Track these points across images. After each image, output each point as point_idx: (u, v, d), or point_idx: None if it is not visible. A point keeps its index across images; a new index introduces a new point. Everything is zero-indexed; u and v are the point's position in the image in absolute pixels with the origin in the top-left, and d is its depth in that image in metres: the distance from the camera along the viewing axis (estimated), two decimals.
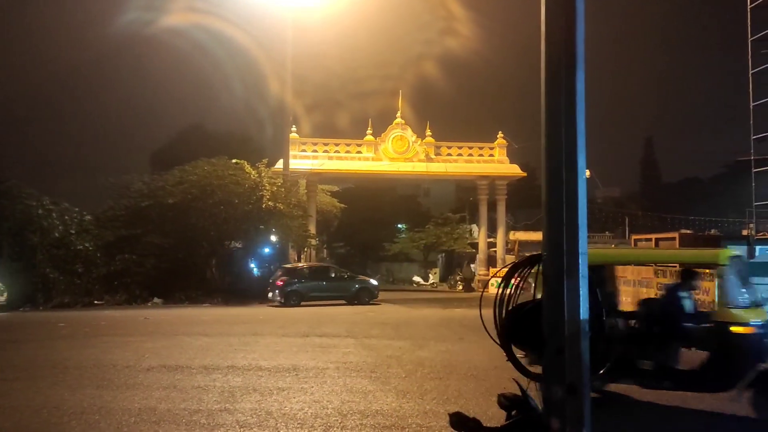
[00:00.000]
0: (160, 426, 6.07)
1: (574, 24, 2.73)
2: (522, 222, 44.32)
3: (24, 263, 21.14)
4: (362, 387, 7.91)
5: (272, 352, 10.63)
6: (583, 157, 2.71)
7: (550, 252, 2.72)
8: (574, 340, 2.60)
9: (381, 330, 13.92)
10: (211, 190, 23.11)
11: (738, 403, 6.41)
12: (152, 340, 11.91)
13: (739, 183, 28.06)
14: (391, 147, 31.01)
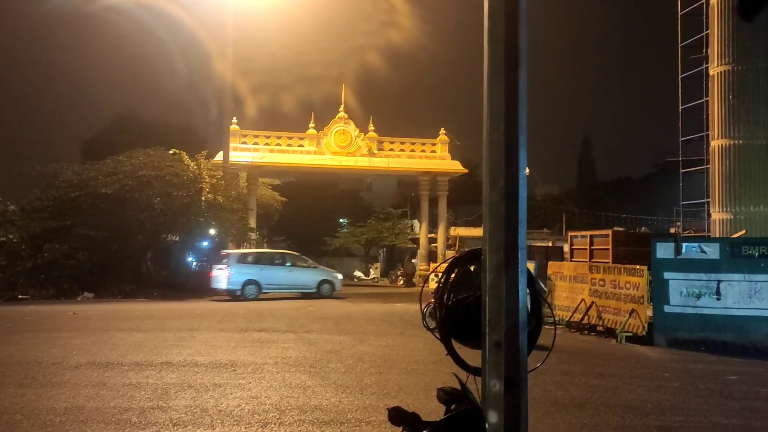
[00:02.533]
0: (88, 425, 5.83)
1: (516, 21, 2.74)
2: (463, 218, 45.00)
3: None
4: (301, 382, 7.83)
5: (209, 347, 10.40)
6: (524, 153, 2.72)
7: (489, 246, 2.73)
8: (512, 334, 2.61)
9: (321, 324, 13.84)
10: (147, 182, 22.38)
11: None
12: (81, 336, 11.44)
13: (668, 183, 29.35)
14: (334, 141, 30.86)
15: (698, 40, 18.68)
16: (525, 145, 2.78)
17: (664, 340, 11.72)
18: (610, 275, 13.11)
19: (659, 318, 11.86)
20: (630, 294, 12.39)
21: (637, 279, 12.30)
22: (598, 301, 13.34)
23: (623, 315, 12.44)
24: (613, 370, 9.35)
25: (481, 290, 2.75)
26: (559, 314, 14.04)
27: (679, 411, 6.94)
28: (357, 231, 37.65)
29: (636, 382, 8.48)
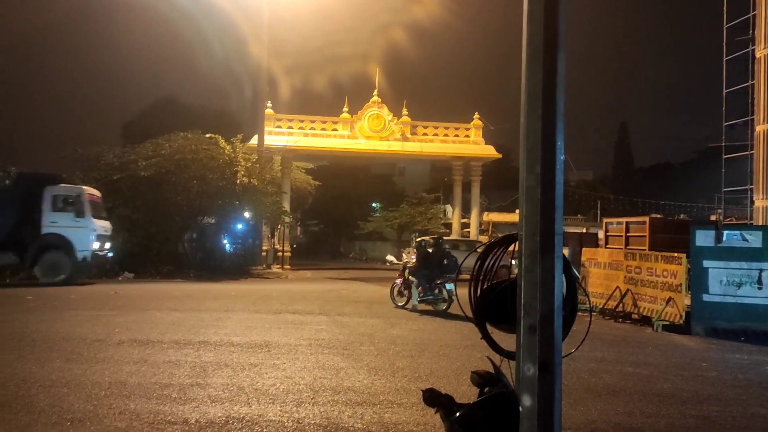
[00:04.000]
0: (131, 400, 6.03)
1: (557, 4, 2.72)
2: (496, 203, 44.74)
3: None
4: (334, 364, 7.94)
5: (244, 328, 10.61)
6: (561, 138, 2.72)
7: (525, 231, 2.73)
8: (547, 319, 2.62)
9: (354, 308, 13.97)
10: (184, 165, 22.80)
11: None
12: (123, 315, 11.79)
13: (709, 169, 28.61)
14: (367, 125, 30.88)
15: (744, 21, 18.08)
16: (562, 131, 2.77)
17: (702, 330, 11.53)
18: (647, 263, 12.91)
19: (697, 307, 11.66)
20: (667, 282, 12.19)
21: (675, 267, 12.08)
22: (633, 288, 13.16)
23: (660, 303, 12.26)
24: (649, 358, 9.24)
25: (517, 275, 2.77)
26: (593, 301, 13.90)
27: (716, 401, 6.85)
28: (389, 215, 37.74)
29: (672, 371, 8.37)
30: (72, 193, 18.66)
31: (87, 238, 18.50)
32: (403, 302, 14.21)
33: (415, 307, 13.71)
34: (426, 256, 13.97)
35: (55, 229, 18.20)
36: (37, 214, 18.20)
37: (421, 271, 13.81)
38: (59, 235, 18.15)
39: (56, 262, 18.21)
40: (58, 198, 18.43)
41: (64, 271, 18.27)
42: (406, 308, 13.92)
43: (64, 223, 18.21)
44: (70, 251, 18.19)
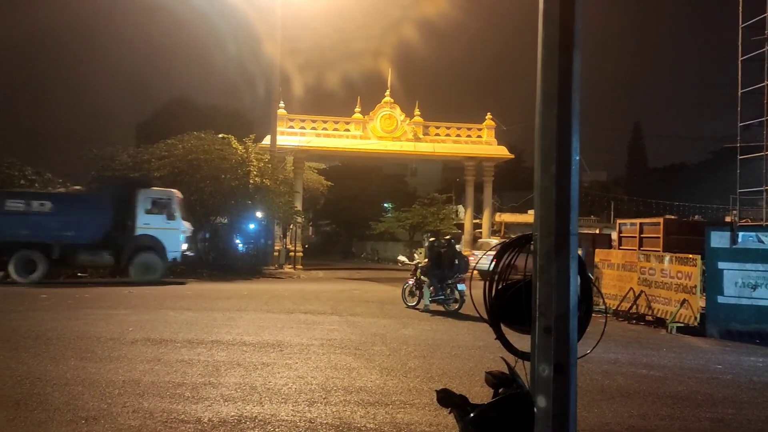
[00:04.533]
0: (144, 398, 6.07)
1: (572, 3, 2.71)
2: (508, 204, 44.57)
3: None
4: (346, 364, 7.95)
5: (257, 327, 10.65)
6: (577, 138, 2.70)
7: (540, 232, 2.72)
8: (562, 320, 2.61)
9: (366, 308, 13.98)
10: (197, 165, 22.92)
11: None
12: (136, 314, 11.87)
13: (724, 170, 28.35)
14: (380, 125, 30.88)
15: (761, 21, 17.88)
16: (578, 131, 2.75)
17: (717, 332, 11.42)
18: (661, 264, 12.81)
19: (712, 309, 11.55)
20: (682, 283, 12.09)
21: (690, 268, 11.98)
22: (647, 290, 13.07)
23: (674, 305, 12.16)
24: (663, 360, 9.17)
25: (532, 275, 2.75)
26: (607, 302, 13.82)
27: (731, 403, 6.78)
28: (401, 216, 37.70)
29: (686, 373, 8.30)
30: (163, 196, 19.56)
31: (177, 240, 19.50)
32: (415, 302, 14.20)
33: (427, 307, 13.70)
34: (438, 256, 13.94)
35: (148, 231, 19.04)
36: (131, 217, 19.07)
37: (433, 270, 13.79)
38: (151, 236, 19.01)
39: (149, 262, 19.06)
40: (151, 201, 19.29)
41: (156, 271, 19.15)
42: (417, 308, 13.91)
43: (156, 225, 19.07)
44: (162, 252, 19.08)
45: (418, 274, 14.22)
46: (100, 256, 18.81)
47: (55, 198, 18.65)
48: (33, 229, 17.83)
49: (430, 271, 13.85)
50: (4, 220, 17.66)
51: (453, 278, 13.63)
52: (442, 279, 13.68)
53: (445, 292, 13.66)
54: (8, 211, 17.76)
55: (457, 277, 13.63)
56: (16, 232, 17.69)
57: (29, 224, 17.85)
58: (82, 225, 18.44)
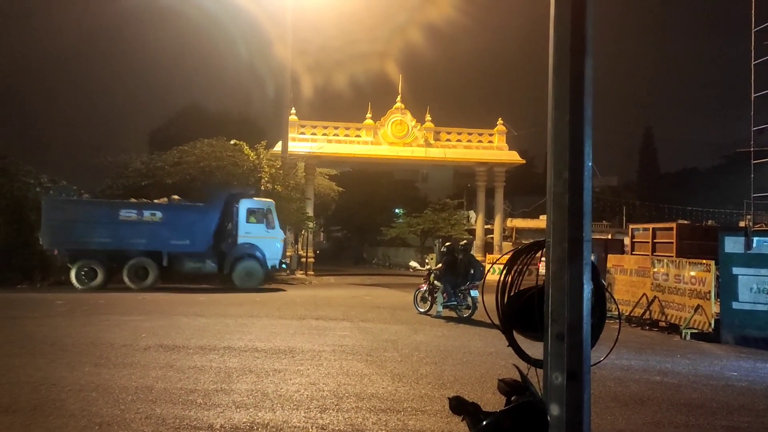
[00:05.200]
0: (157, 404, 6.10)
1: (584, 8, 2.71)
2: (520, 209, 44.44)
3: (21, 241, 21.08)
4: (358, 370, 7.95)
5: (268, 333, 10.67)
6: (590, 144, 2.70)
7: (553, 238, 2.71)
8: (575, 327, 2.60)
9: (377, 314, 13.97)
10: (209, 171, 23.06)
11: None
12: (150, 320, 11.94)
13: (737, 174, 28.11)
14: (391, 131, 30.94)
15: None
16: (590, 137, 2.75)
17: (732, 338, 11.30)
18: (675, 269, 12.71)
19: (727, 315, 11.44)
20: (695, 289, 11.99)
21: (704, 274, 11.88)
22: (660, 295, 12.96)
23: (688, 311, 12.05)
24: (677, 367, 9.08)
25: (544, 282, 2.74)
26: (620, 308, 13.71)
27: (747, 411, 6.70)
28: (413, 221, 37.67)
29: (701, 380, 8.22)
30: (263, 206, 20.52)
31: (276, 248, 20.39)
32: (426, 308, 14.17)
33: (439, 313, 13.67)
34: (453, 262, 13.88)
35: (249, 240, 19.96)
36: (233, 226, 20.00)
37: (447, 276, 13.75)
38: (253, 245, 19.95)
39: (250, 269, 19.92)
40: (252, 211, 20.23)
41: (257, 278, 19.97)
42: (429, 314, 13.88)
43: (256, 234, 20.03)
44: (262, 260, 19.97)
45: (432, 279, 14.19)
46: (204, 264, 19.70)
47: (164, 208, 19.41)
48: (145, 238, 18.68)
49: (444, 277, 13.81)
50: (119, 229, 18.50)
51: (466, 284, 13.59)
52: (455, 285, 13.64)
53: (458, 298, 13.62)
54: (122, 220, 18.59)
55: (471, 283, 13.58)
56: (130, 241, 18.56)
57: (141, 233, 18.70)
58: (190, 234, 19.31)
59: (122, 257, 18.66)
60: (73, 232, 18.23)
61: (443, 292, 13.73)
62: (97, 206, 19.22)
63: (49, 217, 18.26)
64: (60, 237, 18.29)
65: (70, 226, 18.23)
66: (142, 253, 18.76)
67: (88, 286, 18.35)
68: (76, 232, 18.24)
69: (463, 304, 13.57)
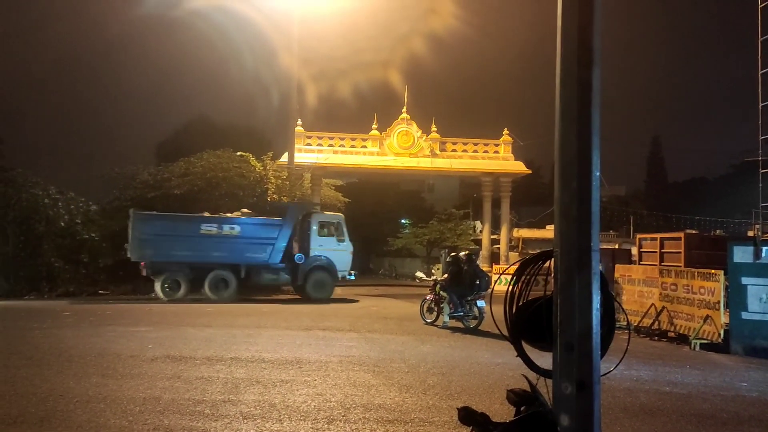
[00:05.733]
0: (165, 415, 6.10)
1: (591, 19, 2.72)
2: (526, 219, 44.32)
3: (29, 252, 21.21)
4: (365, 381, 7.93)
5: (275, 344, 10.66)
6: (597, 154, 2.70)
7: (561, 248, 2.71)
8: (584, 337, 2.59)
9: (384, 324, 13.94)
10: (216, 182, 23.12)
11: None
12: (157, 331, 11.95)
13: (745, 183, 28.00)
14: (396, 142, 31.01)
15: None
16: (598, 147, 2.75)
17: (742, 348, 11.21)
18: (683, 279, 12.64)
19: (736, 325, 11.35)
20: (704, 299, 11.91)
21: (713, 284, 11.80)
22: (669, 306, 12.89)
23: (697, 321, 11.97)
24: (686, 377, 9.02)
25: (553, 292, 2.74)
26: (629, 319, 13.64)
27: (757, 422, 6.64)
28: (419, 232, 37.61)
29: (711, 391, 8.15)
30: (333, 220, 21.65)
31: (346, 260, 21.18)
32: (433, 318, 14.14)
33: (446, 323, 13.63)
34: (459, 272, 13.86)
35: (321, 252, 20.77)
36: (306, 239, 20.78)
37: (453, 287, 13.73)
38: (325, 257, 20.73)
39: (322, 281, 20.68)
40: (323, 224, 21.17)
41: (328, 288, 20.68)
42: (435, 325, 13.84)
43: (328, 247, 20.86)
44: (333, 271, 20.76)
45: (438, 290, 14.16)
46: (279, 276, 20.35)
47: (242, 222, 20.01)
48: (224, 251, 19.31)
49: (450, 287, 13.78)
50: (200, 242, 19.10)
51: (473, 295, 13.55)
52: (462, 295, 13.61)
53: (465, 309, 13.59)
54: (203, 234, 19.22)
55: (477, 294, 13.54)
56: (210, 254, 19.15)
57: (221, 246, 19.32)
58: (266, 247, 19.87)
59: (203, 270, 19.16)
60: (159, 245, 18.75)
61: (449, 302, 13.70)
62: (180, 220, 19.64)
63: (137, 231, 18.76)
64: (147, 250, 18.77)
65: (157, 240, 18.75)
66: (221, 265, 19.30)
67: (172, 297, 18.79)
68: (161, 246, 18.75)
69: (470, 315, 13.53)
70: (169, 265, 18.89)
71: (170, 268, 18.91)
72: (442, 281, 14.25)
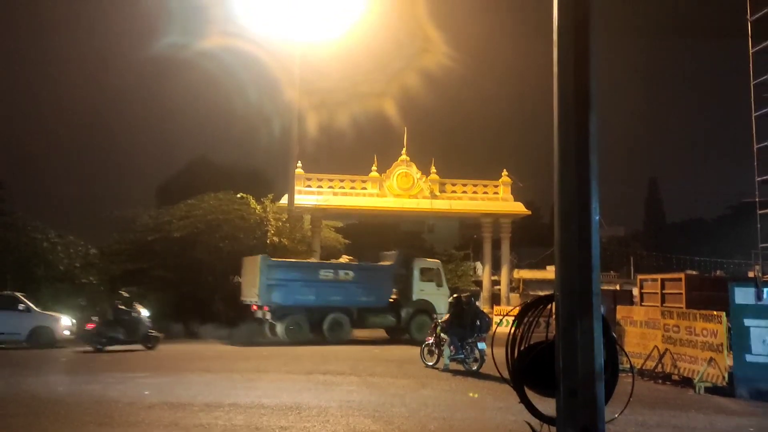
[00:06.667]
0: None
1: (587, 65, 2.79)
2: (526, 260, 44.24)
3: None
4: (365, 427, 7.80)
5: (275, 389, 10.52)
6: (597, 198, 2.73)
7: (562, 292, 2.72)
8: (588, 382, 2.57)
9: (385, 367, 13.78)
10: (216, 225, 23.17)
11: None
12: (154, 376, 11.80)
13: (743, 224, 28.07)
14: (396, 183, 31.20)
15: None
16: (597, 191, 2.78)
17: (747, 392, 11.04)
18: (685, 321, 12.55)
19: (741, 368, 11.21)
20: (707, 341, 11.80)
21: (715, 326, 11.71)
22: (672, 348, 12.76)
23: (700, 363, 11.83)
24: (692, 422, 8.87)
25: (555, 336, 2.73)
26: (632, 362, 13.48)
27: None
28: None
29: None
30: (433, 266, 23.02)
31: (444, 304, 21.57)
32: (434, 361, 13.99)
33: (447, 366, 13.48)
34: (459, 314, 13.80)
35: (423, 296, 21.88)
36: (410, 284, 21.99)
37: (453, 329, 13.64)
38: (426, 300, 21.76)
39: (424, 323, 20.95)
40: (424, 270, 22.41)
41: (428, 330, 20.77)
42: (436, 368, 13.69)
43: (428, 291, 21.95)
44: (433, 314, 21.15)
45: (439, 331, 14.06)
46: (386, 318, 21.58)
47: (356, 269, 21.44)
48: (340, 295, 20.49)
49: (451, 329, 13.68)
50: (319, 287, 20.32)
51: (473, 337, 13.45)
52: (462, 337, 13.51)
53: (465, 351, 13.46)
54: (322, 279, 20.47)
55: (478, 336, 13.45)
56: (328, 298, 20.33)
57: (337, 291, 20.51)
58: (375, 291, 21.05)
59: (322, 312, 20.24)
60: (285, 290, 19.92)
61: (450, 344, 13.59)
62: (303, 267, 21.26)
63: (266, 277, 19.84)
64: (274, 295, 19.85)
65: (283, 285, 19.94)
66: (337, 308, 20.36)
67: (294, 338, 19.62)
68: (287, 291, 19.93)
69: (471, 357, 13.40)
70: (292, 308, 19.96)
71: (293, 311, 19.97)
72: (443, 323, 14.16)
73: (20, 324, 17.27)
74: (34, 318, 17.55)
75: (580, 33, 2.81)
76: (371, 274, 21.58)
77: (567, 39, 2.85)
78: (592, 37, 2.85)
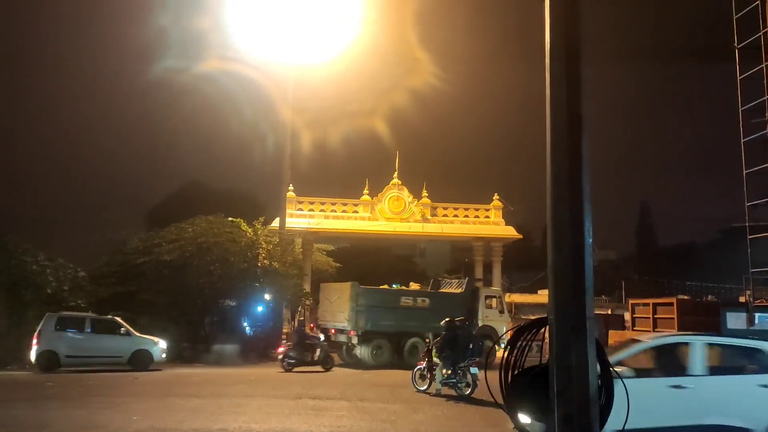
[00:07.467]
0: None
1: (578, 89, 2.81)
2: (518, 284, 44.22)
3: (14, 320, 20.79)
4: None
5: (264, 414, 10.36)
6: (589, 221, 2.73)
7: (556, 315, 2.70)
8: (583, 408, 2.54)
9: (375, 392, 13.62)
10: (207, 248, 23.02)
11: None
12: (142, 401, 11.61)
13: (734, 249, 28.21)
14: (388, 207, 31.22)
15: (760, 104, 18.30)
16: (590, 213, 2.78)
17: None
18: None
19: None
20: None
21: None
22: None
23: None
24: None
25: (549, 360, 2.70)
26: None
27: None
28: None
29: None
30: (495, 294, 24.52)
31: (504, 330, 22.94)
32: (425, 386, 13.86)
33: (439, 390, 13.35)
34: (453, 338, 13.75)
35: (487, 322, 23.13)
36: (475, 311, 23.14)
37: (446, 352, 13.56)
38: (491, 326, 22.96)
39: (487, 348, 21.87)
40: (488, 297, 23.83)
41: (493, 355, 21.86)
42: (428, 392, 13.55)
43: (492, 317, 23.31)
44: (496, 339, 21.86)
45: (433, 355, 13.98)
46: None
47: (431, 296, 22.91)
48: (417, 321, 21.25)
49: (443, 353, 13.60)
50: (400, 313, 21.50)
51: (465, 361, 13.36)
52: (455, 362, 13.41)
53: (458, 375, 13.35)
54: (402, 305, 21.71)
55: (471, 360, 13.36)
56: (407, 323, 21.37)
57: (415, 316, 21.45)
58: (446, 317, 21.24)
59: (401, 337, 21.24)
60: (371, 315, 21.07)
61: (442, 368, 13.48)
62: (387, 293, 23.14)
63: (355, 303, 21.00)
64: (361, 320, 20.94)
65: (370, 311, 21.12)
66: (414, 333, 21.16)
67: (378, 362, 20.64)
68: (373, 316, 21.08)
69: (463, 382, 13.29)
70: (376, 333, 21.00)
71: (377, 336, 21.02)
72: (435, 343, 14.11)
73: (122, 347, 18.34)
74: (134, 341, 18.57)
75: (571, 58, 2.84)
76: (444, 301, 22.54)
77: (559, 64, 2.87)
78: (583, 62, 2.88)
